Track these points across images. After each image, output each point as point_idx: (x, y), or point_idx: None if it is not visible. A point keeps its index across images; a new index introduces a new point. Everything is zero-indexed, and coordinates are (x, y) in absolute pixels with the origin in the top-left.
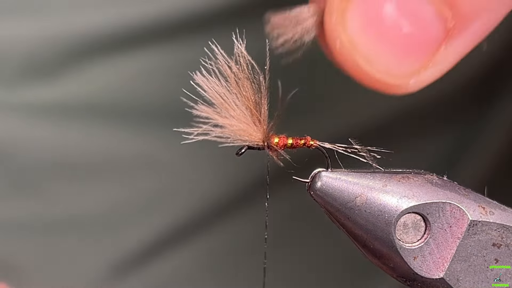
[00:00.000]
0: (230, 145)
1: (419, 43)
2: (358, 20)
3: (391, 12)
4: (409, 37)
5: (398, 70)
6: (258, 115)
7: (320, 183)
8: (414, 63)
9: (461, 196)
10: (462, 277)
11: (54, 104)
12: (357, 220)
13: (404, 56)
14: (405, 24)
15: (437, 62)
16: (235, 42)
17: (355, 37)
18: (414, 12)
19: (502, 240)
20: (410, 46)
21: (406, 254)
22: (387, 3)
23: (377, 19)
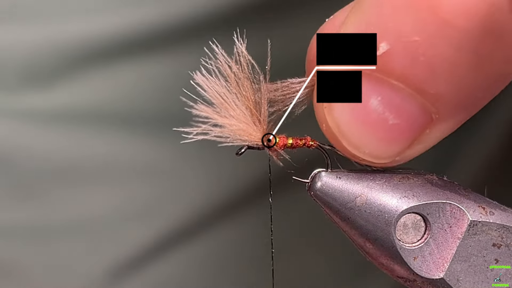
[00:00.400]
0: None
1: (402, 132)
2: (345, 109)
3: (376, 105)
4: (393, 127)
5: (383, 153)
6: (258, 115)
7: (320, 183)
8: (399, 147)
9: (461, 196)
10: (462, 277)
11: (55, 110)
12: (357, 221)
13: (389, 143)
14: (390, 117)
15: (421, 141)
16: (235, 42)
17: (341, 124)
18: (399, 107)
19: (502, 240)
20: (394, 135)
21: (406, 255)
22: (373, 97)
23: (363, 110)
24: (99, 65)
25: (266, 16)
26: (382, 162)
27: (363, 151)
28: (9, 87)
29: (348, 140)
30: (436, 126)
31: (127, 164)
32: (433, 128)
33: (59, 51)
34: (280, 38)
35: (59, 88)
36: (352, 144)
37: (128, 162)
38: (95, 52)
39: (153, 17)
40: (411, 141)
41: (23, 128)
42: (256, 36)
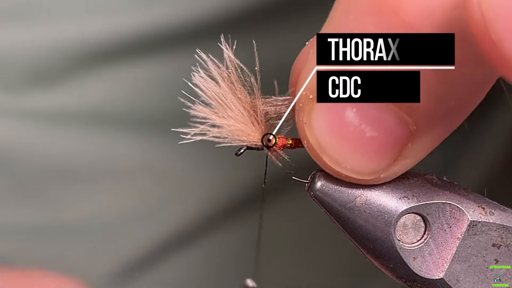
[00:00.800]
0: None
1: (382, 145)
2: (322, 123)
3: (352, 118)
4: (373, 140)
5: (365, 170)
6: (255, 116)
7: (320, 184)
8: (381, 162)
9: (461, 197)
10: (462, 277)
11: (57, 110)
12: (356, 221)
13: (370, 157)
14: (367, 129)
15: (406, 156)
16: (223, 47)
17: (321, 139)
18: (375, 118)
19: (502, 241)
20: (375, 148)
21: (406, 255)
22: (348, 110)
23: (340, 123)
24: (100, 66)
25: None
26: (366, 179)
27: (345, 167)
28: (10, 87)
29: (329, 156)
30: (416, 139)
31: (128, 165)
32: (414, 141)
33: (60, 51)
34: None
35: (61, 88)
36: (333, 160)
37: (129, 163)
38: (96, 53)
39: (155, 19)
40: (394, 155)
41: (25, 128)
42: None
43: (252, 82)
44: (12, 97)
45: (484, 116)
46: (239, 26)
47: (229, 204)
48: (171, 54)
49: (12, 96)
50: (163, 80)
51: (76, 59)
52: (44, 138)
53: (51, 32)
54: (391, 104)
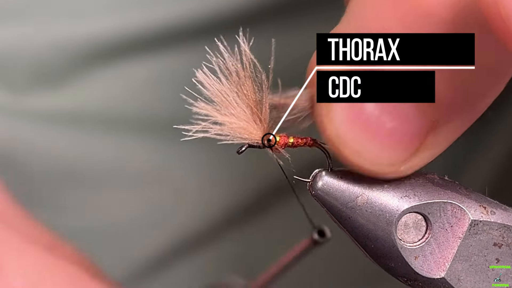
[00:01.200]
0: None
1: (404, 135)
2: (342, 114)
3: (372, 109)
4: (393, 131)
5: (386, 161)
6: (259, 114)
7: (321, 183)
8: (401, 153)
9: (462, 196)
10: (463, 276)
11: (64, 112)
12: (358, 220)
13: (391, 148)
14: (387, 120)
15: (426, 148)
16: (239, 40)
17: (341, 130)
18: (395, 109)
19: (503, 240)
20: (395, 138)
21: (407, 254)
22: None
23: (360, 114)
24: (108, 66)
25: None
26: (386, 171)
27: (365, 159)
28: (17, 88)
29: (349, 148)
30: (437, 131)
31: (136, 168)
32: (434, 133)
33: (65, 50)
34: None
35: (68, 90)
36: (354, 152)
37: (137, 166)
38: (104, 52)
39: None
40: (414, 147)
41: (30, 129)
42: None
43: (263, 78)
44: (16, 97)
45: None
46: (249, 23)
47: (236, 209)
48: (179, 53)
49: (16, 96)
50: (170, 80)
51: (80, 58)
52: (50, 139)
53: (55, 31)
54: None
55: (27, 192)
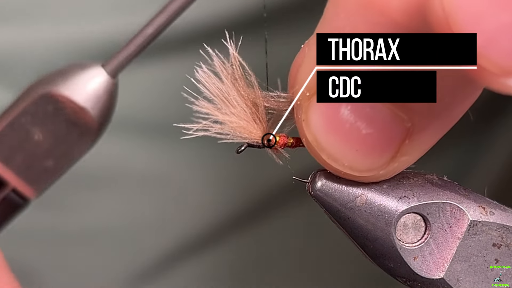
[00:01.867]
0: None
1: (379, 142)
2: (319, 120)
3: (348, 115)
4: (368, 137)
5: (363, 166)
6: (257, 114)
7: (320, 183)
8: (378, 159)
9: (461, 196)
10: (462, 277)
11: None
12: (357, 221)
13: (367, 154)
14: (362, 126)
15: (404, 153)
16: (228, 46)
17: (318, 136)
18: (369, 115)
19: (502, 240)
20: (371, 145)
21: (406, 255)
22: (343, 107)
23: (336, 120)
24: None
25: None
26: (365, 176)
27: (342, 164)
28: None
29: (326, 153)
30: (413, 136)
31: (140, 171)
32: (411, 138)
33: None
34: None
35: None
36: (331, 157)
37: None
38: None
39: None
40: (391, 152)
41: None
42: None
43: (253, 80)
44: None
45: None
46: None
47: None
48: (186, 56)
49: None
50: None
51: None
52: None
53: (61, 33)
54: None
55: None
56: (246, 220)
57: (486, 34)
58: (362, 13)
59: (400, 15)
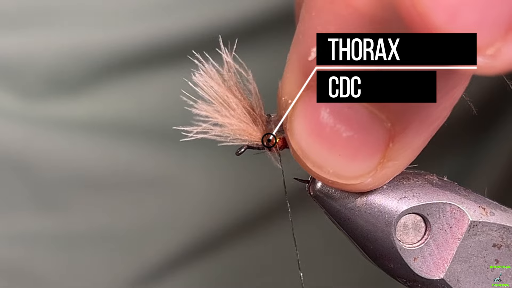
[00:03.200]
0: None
1: (361, 145)
2: (301, 127)
3: (327, 118)
4: (349, 141)
5: (348, 173)
6: (256, 116)
7: (320, 184)
8: (363, 165)
9: (462, 197)
10: (463, 277)
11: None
12: (357, 221)
13: (351, 159)
14: (343, 129)
15: (390, 158)
16: (222, 52)
17: (301, 143)
18: (348, 116)
19: (502, 241)
20: (353, 149)
21: (406, 255)
22: (322, 110)
23: (317, 125)
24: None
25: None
26: (352, 183)
27: (328, 171)
28: (33, 94)
29: (311, 161)
30: (396, 139)
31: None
32: (394, 140)
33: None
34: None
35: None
36: (316, 164)
37: (149, 173)
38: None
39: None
40: (376, 157)
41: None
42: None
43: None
44: (31, 104)
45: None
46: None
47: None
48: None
49: (31, 103)
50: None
51: (96, 67)
52: (65, 146)
53: (73, 39)
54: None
55: (38, 195)
56: (252, 224)
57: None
58: (330, 7)
59: (366, 5)
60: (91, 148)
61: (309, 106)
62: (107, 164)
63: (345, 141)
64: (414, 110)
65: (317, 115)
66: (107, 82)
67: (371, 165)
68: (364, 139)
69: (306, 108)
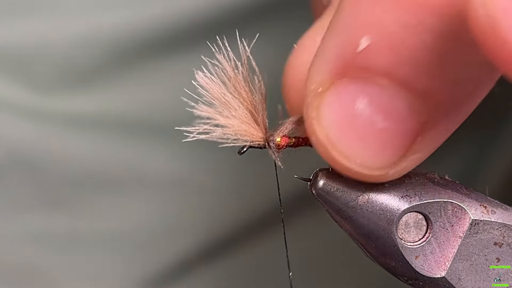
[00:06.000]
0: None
1: (393, 137)
2: (332, 116)
3: (363, 108)
4: (383, 132)
5: (374, 164)
6: (257, 116)
7: (322, 182)
8: (391, 156)
9: (463, 195)
10: (464, 276)
11: (87, 114)
12: (358, 219)
13: (380, 151)
14: (378, 120)
15: (415, 151)
16: (240, 46)
17: (330, 132)
18: (387, 107)
19: (503, 239)
20: (385, 140)
21: (408, 253)
22: (360, 100)
23: (350, 115)
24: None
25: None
26: (374, 175)
27: (355, 161)
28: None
29: (338, 151)
30: (426, 132)
31: (159, 175)
32: (424, 134)
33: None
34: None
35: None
36: (343, 154)
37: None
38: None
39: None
40: (404, 149)
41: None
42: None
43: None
44: (40, 97)
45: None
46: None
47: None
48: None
49: (40, 96)
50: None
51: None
52: (73, 142)
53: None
54: (402, 90)
55: (49, 194)
56: (263, 225)
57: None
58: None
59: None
60: (101, 146)
61: (344, 95)
62: (117, 165)
63: (378, 132)
64: (452, 107)
65: (352, 105)
66: (116, 76)
67: (397, 157)
68: (397, 131)
69: (339, 97)
